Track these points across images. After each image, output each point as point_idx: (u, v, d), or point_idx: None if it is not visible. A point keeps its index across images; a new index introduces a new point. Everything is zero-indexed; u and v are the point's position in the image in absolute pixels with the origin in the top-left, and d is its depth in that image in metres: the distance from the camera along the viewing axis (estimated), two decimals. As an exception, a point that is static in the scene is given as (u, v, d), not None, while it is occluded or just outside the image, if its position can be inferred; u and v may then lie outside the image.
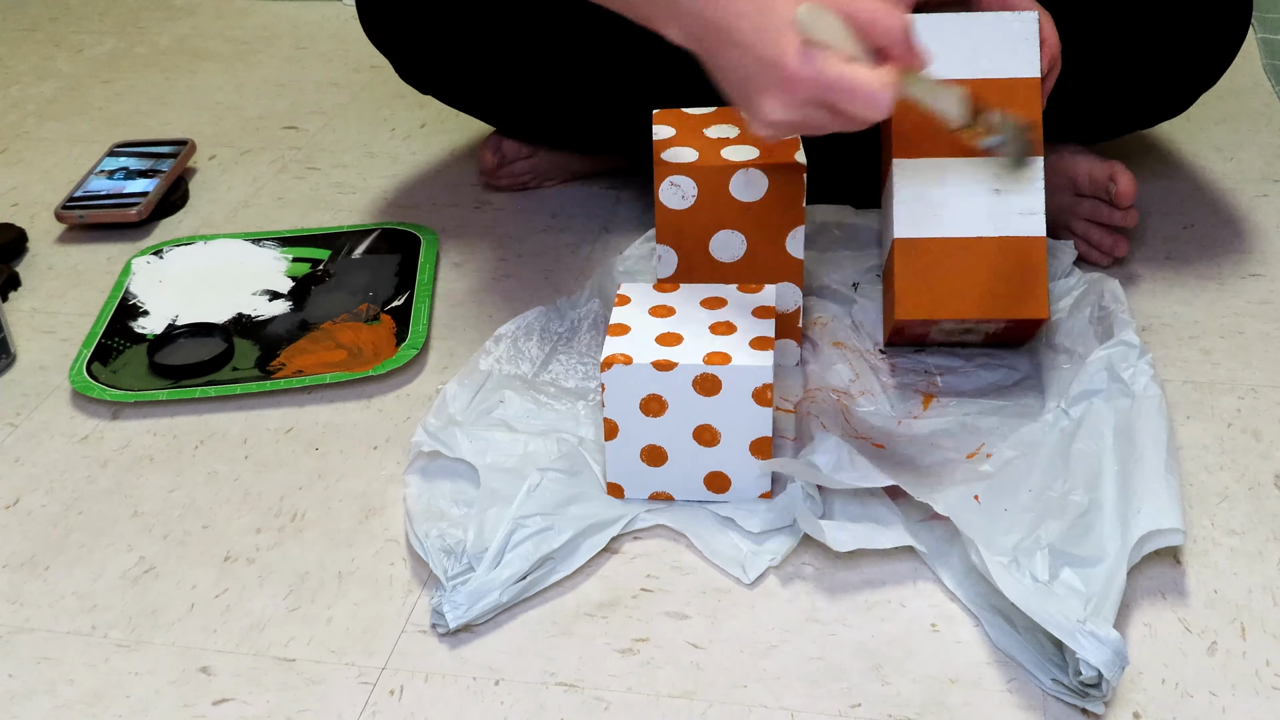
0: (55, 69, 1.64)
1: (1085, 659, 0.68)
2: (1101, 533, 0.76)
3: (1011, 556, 0.75)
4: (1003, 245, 0.90)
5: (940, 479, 0.83)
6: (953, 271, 0.90)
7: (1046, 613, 0.69)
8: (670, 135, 0.93)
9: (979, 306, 0.90)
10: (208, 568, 0.82)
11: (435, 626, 0.76)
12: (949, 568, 0.78)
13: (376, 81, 1.55)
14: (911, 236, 0.91)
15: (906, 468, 0.84)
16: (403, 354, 1.00)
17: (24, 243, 1.20)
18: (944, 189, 0.91)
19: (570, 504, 0.82)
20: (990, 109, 0.79)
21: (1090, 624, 0.68)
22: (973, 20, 0.91)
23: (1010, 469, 0.83)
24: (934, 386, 0.94)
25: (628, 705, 0.71)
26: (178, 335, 1.04)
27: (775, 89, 0.75)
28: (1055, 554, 0.75)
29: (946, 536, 0.79)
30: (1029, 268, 0.90)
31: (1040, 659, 0.71)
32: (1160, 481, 0.77)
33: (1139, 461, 0.79)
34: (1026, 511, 0.79)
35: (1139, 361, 0.86)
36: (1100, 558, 0.74)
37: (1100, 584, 0.73)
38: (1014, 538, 0.77)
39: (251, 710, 0.71)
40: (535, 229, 1.19)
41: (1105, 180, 1.04)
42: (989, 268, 0.90)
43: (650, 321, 0.84)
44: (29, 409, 0.98)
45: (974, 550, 0.74)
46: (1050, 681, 0.70)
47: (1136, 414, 0.83)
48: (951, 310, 0.90)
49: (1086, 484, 0.80)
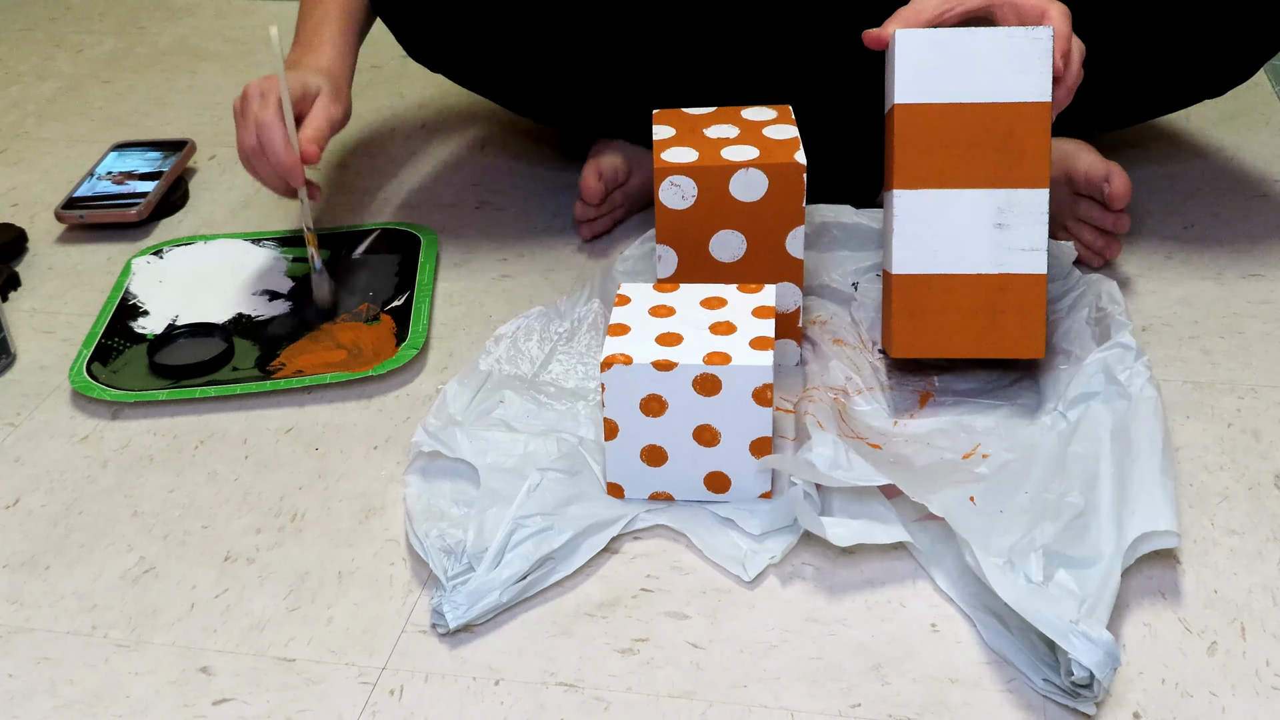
0: (55, 69, 1.64)
1: (1077, 659, 0.68)
2: (1097, 534, 0.76)
3: (1006, 558, 0.75)
4: (1003, 283, 0.88)
5: (936, 479, 0.83)
6: (949, 310, 0.89)
7: (1039, 613, 0.69)
8: (670, 135, 0.93)
9: (975, 346, 0.89)
10: (208, 568, 0.82)
11: (435, 626, 0.76)
12: (943, 568, 0.78)
13: (377, 81, 1.55)
14: (909, 272, 0.89)
15: (902, 468, 0.84)
16: (403, 354, 1.00)
17: (24, 243, 1.20)
18: (945, 223, 0.88)
19: (570, 504, 0.82)
20: None
21: (1083, 625, 0.68)
22: (984, 38, 0.87)
23: (1007, 470, 0.83)
24: (931, 386, 0.94)
25: (628, 705, 0.71)
26: (178, 335, 1.04)
27: None
28: (1050, 555, 0.75)
29: (941, 537, 0.79)
30: (1027, 307, 0.88)
31: (1033, 659, 0.71)
32: (1156, 484, 0.77)
33: (1135, 464, 0.79)
34: (1022, 513, 0.79)
35: (1135, 363, 0.86)
36: (1095, 559, 0.74)
37: (1095, 585, 0.72)
38: (1009, 539, 0.77)
39: (251, 710, 0.71)
40: (535, 229, 1.19)
41: (1100, 181, 1.03)
42: (986, 307, 0.88)
43: (650, 321, 0.84)
44: (29, 409, 0.98)
45: (968, 551, 0.74)
46: (1042, 682, 0.70)
47: (1133, 416, 0.83)
48: (946, 349, 0.89)
49: (1083, 486, 0.79)
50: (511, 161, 1.33)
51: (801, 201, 0.90)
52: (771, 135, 0.93)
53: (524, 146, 1.36)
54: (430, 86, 1.51)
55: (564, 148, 1.31)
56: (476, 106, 1.44)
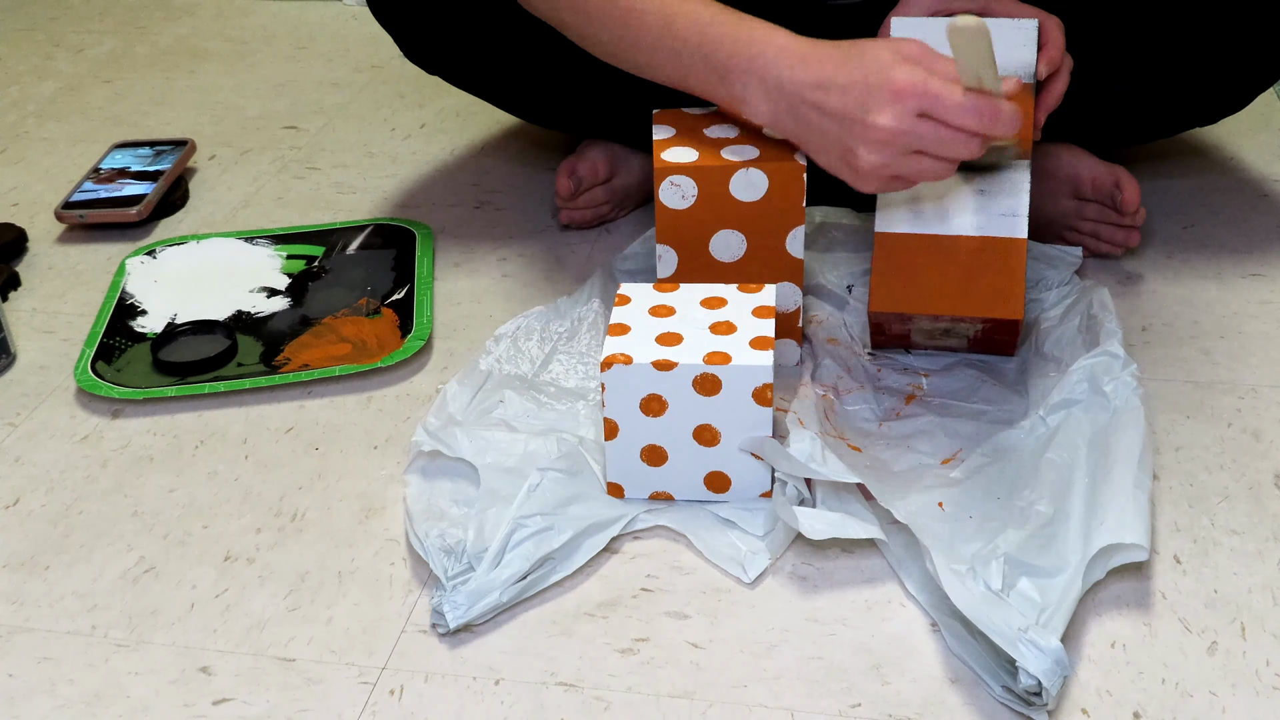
0: (55, 69, 1.64)
1: (1024, 667, 0.67)
2: (1065, 544, 0.75)
3: (969, 564, 0.74)
4: (982, 245, 0.91)
5: (909, 484, 0.83)
6: (930, 268, 0.91)
7: (991, 621, 0.69)
8: (670, 135, 0.93)
9: (953, 304, 0.90)
10: (208, 568, 0.82)
11: (435, 626, 0.76)
12: (911, 572, 0.78)
13: (376, 81, 1.55)
14: (892, 231, 0.92)
15: (878, 472, 0.84)
16: (410, 345, 1.00)
17: (24, 243, 1.20)
18: (930, 187, 0.92)
19: (570, 504, 0.82)
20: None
21: (1032, 633, 0.68)
22: None
23: (980, 476, 0.83)
24: (919, 390, 0.94)
25: (628, 705, 0.71)
26: (180, 333, 1.04)
27: (884, 104, 0.80)
28: (1012, 563, 0.74)
29: (914, 541, 0.78)
30: (1007, 269, 0.90)
31: (993, 666, 0.71)
32: (1128, 497, 0.76)
33: (1109, 475, 0.78)
34: (990, 520, 0.79)
35: (1122, 373, 0.85)
36: (1061, 568, 0.74)
37: (1056, 595, 0.72)
38: (973, 546, 0.76)
39: (251, 710, 0.71)
40: (535, 229, 1.19)
41: (1110, 187, 1.04)
42: (966, 266, 0.91)
43: (650, 321, 0.84)
44: (29, 409, 0.98)
45: (928, 557, 0.74)
46: (1001, 689, 0.70)
47: (1113, 427, 0.82)
48: (925, 305, 0.91)
49: (1054, 494, 0.79)
50: (511, 161, 1.33)
51: (801, 201, 0.90)
52: (771, 135, 0.93)
53: (524, 146, 1.36)
54: (430, 86, 1.51)
55: (563, 148, 1.31)
56: (476, 106, 1.44)
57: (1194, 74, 1.06)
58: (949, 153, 0.82)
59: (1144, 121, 1.13)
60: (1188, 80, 1.06)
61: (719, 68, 0.86)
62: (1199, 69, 1.05)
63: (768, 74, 0.84)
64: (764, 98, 0.85)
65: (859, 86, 0.81)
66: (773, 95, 0.85)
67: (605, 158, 1.16)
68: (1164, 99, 1.08)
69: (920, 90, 0.80)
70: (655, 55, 0.89)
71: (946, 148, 0.81)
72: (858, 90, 0.81)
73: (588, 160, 1.15)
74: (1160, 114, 1.11)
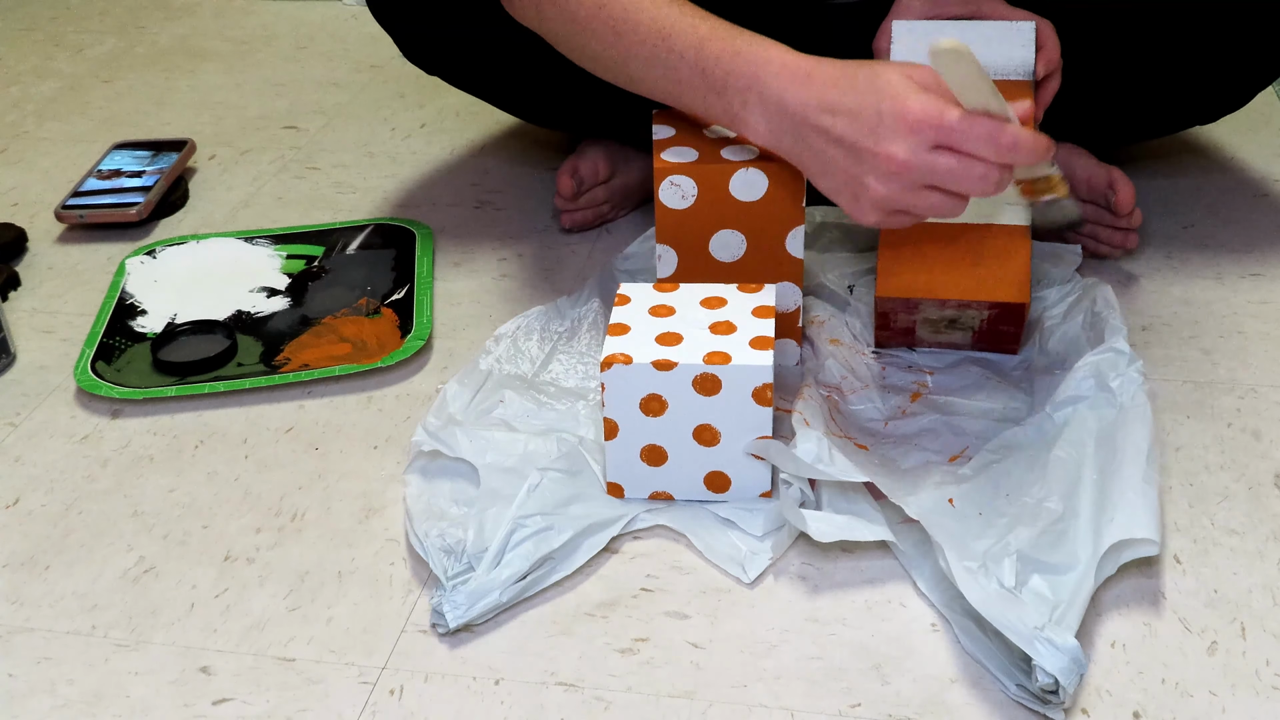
0: (55, 69, 1.64)
1: (1041, 666, 0.67)
2: (1074, 541, 0.75)
3: (981, 562, 0.74)
4: (986, 232, 0.91)
5: (917, 481, 0.83)
6: (936, 254, 0.92)
7: (1006, 619, 0.69)
8: (670, 135, 0.93)
9: (960, 289, 0.91)
10: (208, 568, 0.82)
11: (435, 626, 0.76)
12: (923, 570, 0.78)
13: (376, 81, 1.55)
14: None
15: (887, 469, 0.84)
16: (410, 345, 1.00)
17: (24, 243, 1.20)
18: None
19: (570, 504, 0.82)
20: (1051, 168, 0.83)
21: (1048, 631, 0.68)
22: (971, 27, 0.94)
23: (988, 473, 0.83)
24: (925, 388, 0.94)
25: (628, 705, 0.71)
26: (181, 332, 1.04)
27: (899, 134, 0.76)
28: (1024, 560, 0.74)
29: (922, 540, 0.78)
30: (1011, 255, 0.91)
31: (1006, 665, 0.71)
32: (1137, 492, 0.76)
33: (1118, 471, 0.78)
34: (1000, 517, 0.79)
35: (1128, 369, 0.85)
36: (1072, 565, 0.74)
37: (1068, 592, 0.72)
38: (985, 543, 0.76)
39: (251, 710, 0.71)
40: (535, 229, 1.19)
41: (1104, 188, 1.04)
42: (971, 253, 0.91)
43: (650, 321, 0.84)
44: (29, 409, 0.98)
45: (941, 555, 0.74)
46: (1015, 687, 0.70)
47: (1120, 423, 0.82)
48: (931, 290, 0.91)
49: (1063, 491, 0.79)
50: (511, 161, 1.33)
51: (801, 201, 0.90)
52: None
53: (524, 146, 1.36)
54: (430, 86, 1.51)
55: (563, 148, 1.31)
56: (476, 106, 1.44)
57: (1194, 73, 1.06)
58: (964, 188, 0.78)
59: (1143, 120, 1.13)
60: (1187, 79, 1.07)
61: (716, 84, 0.83)
62: (1198, 68, 1.05)
63: (768, 92, 0.81)
64: (763, 116, 0.82)
65: (870, 112, 0.77)
66: (773, 114, 0.82)
67: (605, 157, 1.16)
68: (1164, 97, 1.09)
69: (936, 121, 0.75)
70: (649, 69, 0.86)
71: (961, 183, 0.77)
72: (869, 116, 0.77)
73: (588, 160, 1.15)
74: (1160, 112, 1.12)
